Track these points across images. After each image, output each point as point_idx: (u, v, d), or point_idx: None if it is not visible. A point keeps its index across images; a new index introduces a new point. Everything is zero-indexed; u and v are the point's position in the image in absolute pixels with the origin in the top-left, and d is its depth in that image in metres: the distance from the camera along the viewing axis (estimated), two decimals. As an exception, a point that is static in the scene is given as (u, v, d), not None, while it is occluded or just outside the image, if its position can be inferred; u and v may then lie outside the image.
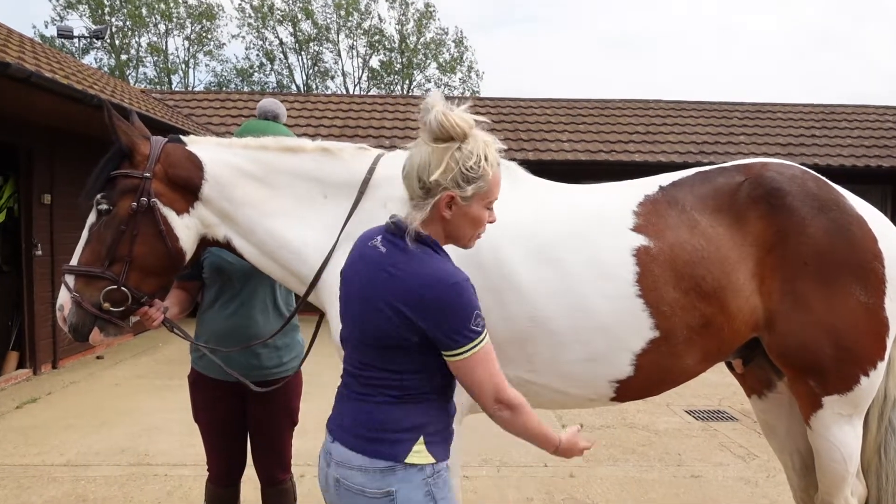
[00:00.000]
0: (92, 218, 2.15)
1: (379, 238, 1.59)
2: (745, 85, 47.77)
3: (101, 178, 2.12)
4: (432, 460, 1.53)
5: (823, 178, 2.32)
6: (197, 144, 2.25)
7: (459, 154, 1.48)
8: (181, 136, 2.27)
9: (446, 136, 1.49)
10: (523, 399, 1.54)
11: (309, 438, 4.59)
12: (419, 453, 1.51)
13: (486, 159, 1.51)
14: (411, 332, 1.48)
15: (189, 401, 2.67)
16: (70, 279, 2.11)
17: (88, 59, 28.65)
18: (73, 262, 2.12)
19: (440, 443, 1.57)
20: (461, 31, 39.04)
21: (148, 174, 2.12)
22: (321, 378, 3.96)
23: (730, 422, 5.66)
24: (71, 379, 7.05)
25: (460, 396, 2.11)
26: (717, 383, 6.45)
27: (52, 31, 26.53)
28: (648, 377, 2.17)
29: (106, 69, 28.51)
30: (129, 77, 29.82)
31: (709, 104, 13.89)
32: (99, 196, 2.11)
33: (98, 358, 8.07)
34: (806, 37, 50.55)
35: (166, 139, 2.23)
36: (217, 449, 2.64)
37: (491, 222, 1.60)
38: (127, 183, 2.12)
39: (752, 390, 2.64)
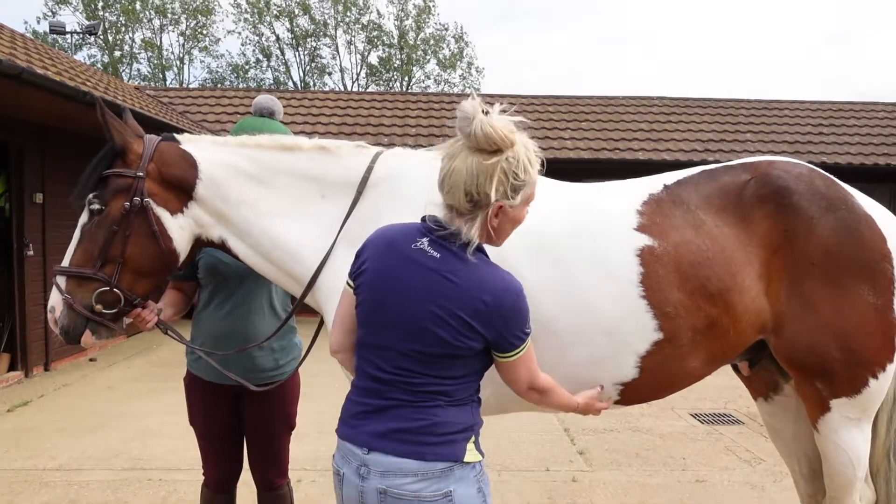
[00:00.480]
0: (84, 218, 2.14)
1: (426, 241, 1.56)
2: (752, 82, 47.78)
3: (93, 177, 2.11)
4: (480, 458, 1.60)
5: (831, 177, 2.32)
6: (191, 143, 2.24)
7: (507, 165, 1.49)
8: (175, 135, 2.27)
9: (494, 149, 1.48)
10: (552, 382, 1.71)
11: (306, 442, 4.60)
12: (471, 452, 1.57)
13: (530, 163, 1.53)
14: (474, 339, 1.51)
15: (184, 404, 2.67)
16: (61, 280, 2.11)
17: (81, 56, 28.62)
18: (65, 262, 2.12)
19: (479, 441, 1.63)
20: (461, 27, 39.04)
21: (141, 173, 2.11)
22: (319, 381, 3.96)
23: (735, 425, 5.66)
24: (63, 381, 7.04)
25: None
26: (723, 386, 6.44)
27: (44, 27, 26.55)
28: (653, 380, 2.16)
29: (99, 66, 28.50)
30: (123, 74, 29.83)
31: (714, 101, 13.88)
32: (91, 195, 2.10)
33: (91, 360, 8.07)
34: (814, 33, 50.57)
35: (160, 137, 2.23)
36: (213, 453, 2.63)
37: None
38: (120, 182, 2.11)
39: (758, 393, 2.64)
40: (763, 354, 2.37)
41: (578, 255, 2.11)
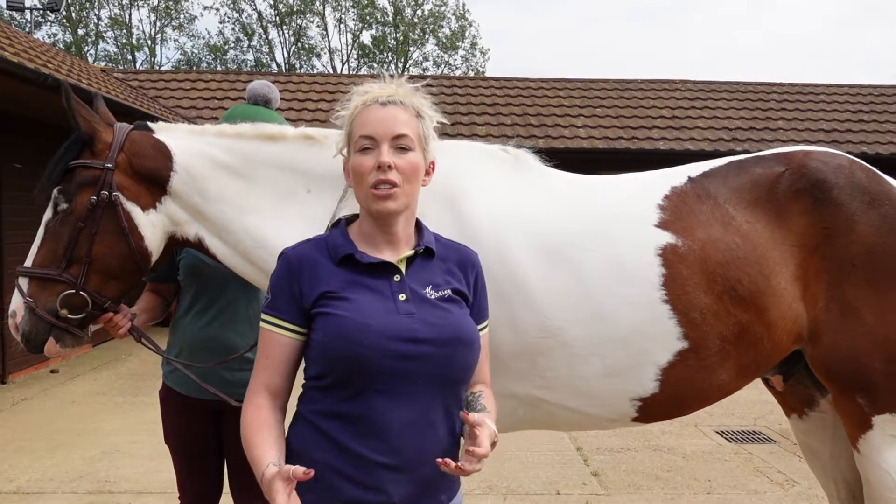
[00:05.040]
0: (48, 214, 2.15)
1: None
2: (785, 63, 47.76)
3: (58, 169, 2.12)
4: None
5: (874, 169, 2.32)
6: (166, 132, 2.25)
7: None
8: (149, 123, 2.27)
9: None
10: (256, 400, 1.57)
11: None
12: None
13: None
14: None
15: (156, 420, 2.67)
16: (24, 282, 2.11)
17: (41, 34, 28.66)
18: (28, 263, 2.13)
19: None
20: (463, 4, 39.07)
21: (110, 164, 2.12)
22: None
23: (766, 444, 5.67)
24: (22, 395, 7.05)
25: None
26: (753, 401, 6.46)
27: None
28: (676, 394, 2.17)
29: (61, 45, 28.52)
30: (88, 54, 29.84)
31: (743, 85, 13.90)
32: (56, 190, 2.12)
33: (52, 372, 8.07)
34: (854, 7, 50.51)
35: (132, 126, 2.23)
36: (190, 475, 2.63)
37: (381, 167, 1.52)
38: (86, 174, 2.12)
39: (791, 409, 2.64)
40: (798, 367, 2.38)
41: (593, 256, 2.11)
